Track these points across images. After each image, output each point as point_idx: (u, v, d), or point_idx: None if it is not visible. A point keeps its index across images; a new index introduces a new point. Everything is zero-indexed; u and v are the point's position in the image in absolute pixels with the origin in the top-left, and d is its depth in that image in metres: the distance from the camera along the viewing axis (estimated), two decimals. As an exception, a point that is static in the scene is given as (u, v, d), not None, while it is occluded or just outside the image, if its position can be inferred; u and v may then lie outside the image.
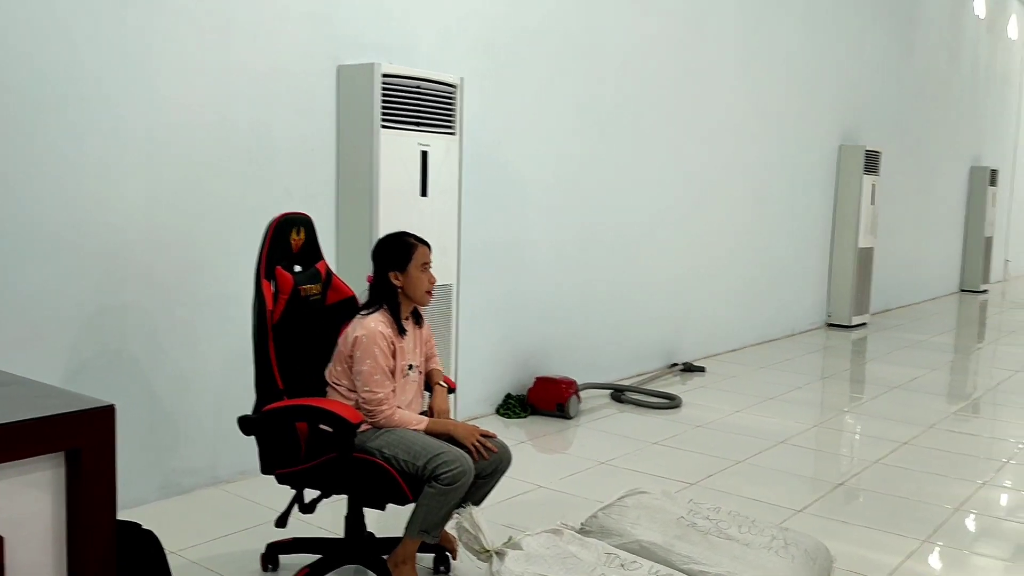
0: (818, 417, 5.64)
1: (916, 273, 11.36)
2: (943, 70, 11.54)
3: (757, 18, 7.42)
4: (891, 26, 9.94)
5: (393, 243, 2.97)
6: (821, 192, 8.75)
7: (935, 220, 11.86)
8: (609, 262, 6.05)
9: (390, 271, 2.92)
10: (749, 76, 7.38)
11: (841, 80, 8.91)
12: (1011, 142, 14.77)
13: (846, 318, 8.91)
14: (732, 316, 7.52)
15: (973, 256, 12.89)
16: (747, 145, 7.49)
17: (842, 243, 8.92)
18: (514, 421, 5.12)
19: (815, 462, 4.77)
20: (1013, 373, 7.19)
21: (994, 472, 4.53)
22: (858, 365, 7.59)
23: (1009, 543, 3.65)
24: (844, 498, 4.09)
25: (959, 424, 5.50)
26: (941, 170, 11.89)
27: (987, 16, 12.76)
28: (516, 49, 5.15)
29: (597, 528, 3.05)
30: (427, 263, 2.94)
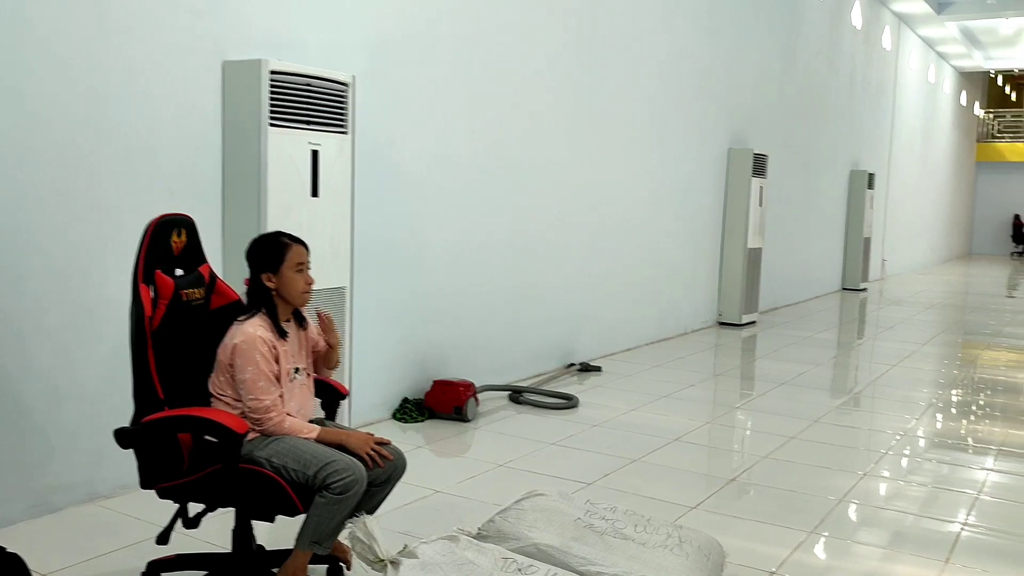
0: (711, 414, 5.77)
1: (801, 272, 11.80)
2: (823, 78, 12.02)
3: (648, 24, 7.55)
4: (774, 35, 10.29)
5: (266, 244, 2.86)
6: (712, 194, 8.98)
7: (818, 221, 12.35)
8: (506, 263, 6.04)
9: (263, 273, 2.82)
10: (641, 80, 7.51)
11: (729, 86, 9.16)
12: (886, 147, 15.52)
13: (736, 316, 9.16)
14: (627, 316, 7.63)
15: (853, 256, 13.48)
16: (640, 148, 7.62)
17: (732, 244, 9.18)
18: (411, 425, 5.05)
19: (708, 458, 4.87)
20: (890, 367, 7.53)
21: (874, 463, 4.71)
22: (748, 362, 7.81)
23: (887, 531, 3.80)
24: (736, 493, 4.17)
25: (842, 417, 5.71)
26: (823, 174, 12.39)
27: (863, 28, 13.37)
28: (410, 47, 5.08)
29: (494, 532, 3.01)
30: (302, 263, 2.84)
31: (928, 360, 8.03)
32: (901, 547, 3.60)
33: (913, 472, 4.67)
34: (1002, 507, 4.14)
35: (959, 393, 6.65)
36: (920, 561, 3.43)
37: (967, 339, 9.62)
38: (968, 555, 3.50)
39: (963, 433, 5.53)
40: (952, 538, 3.67)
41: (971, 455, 4.98)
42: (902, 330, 9.84)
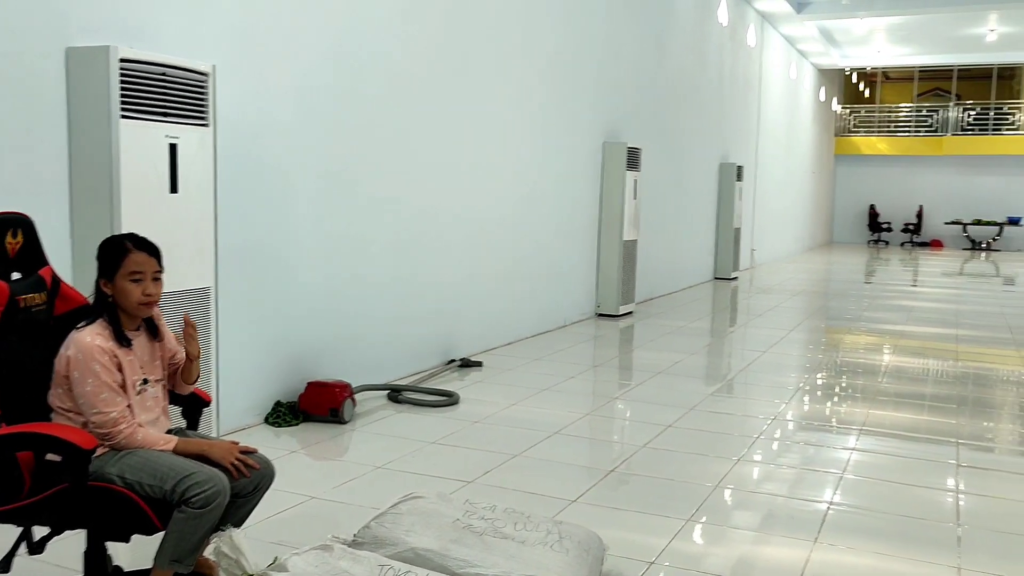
0: (590, 405, 5.80)
1: (675, 263, 12.09)
2: (693, 74, 12.35)
3: (520, 20, 7.54)
4: (645, 31, 10.49)
5: (105, 248, 2.65)
6: (588, 187, 9.07)
7: (691, 213, 12.69)
8: (382, 258, 5.91)
9: (101, 278, 2.63)
10: (514, 75, 7.49)
11: (602, 81, 9.27)
12: (753, 141, 16.11)
13: (614, 308, 9.30)
14: (507, 309, 7.61)
15: (724, 246, 13.93)
16: (516, 142, 7.61)
17: (608, 236, 9.30)
18: (285, 429, 4.86)
19: (588, 450, 4.89)
20: (761, 354, 7.79)
21: (746, 448, 4.83)
22: (626, 353, 7.92)
23: (760, 513, 3.89)
24: (615, 484, 4.20)
25: (716, 404, 5.85)
26: (694, 167, 12.74)
27: (729, 25, 13.81)
28: (276, 36, 4.88)
29: (370, 539, 2.91)
30: (139, 272, 2.61)
31: (795, 346, 8.35)
32: (773, 529, 3.69)
33: (783, 455, 4.82)
34: (865, 485, 4.31)
35: (824, 376, 6.93)
36: (791, 542, 3.52)
37: (831, 324, 10.07)
38: (835, 533, 3.62)
39: (828, 415, 5.76)
40: (820, 517, 3.79)
41: (836, 436, 5.18)
42: (771, 317, 10.21)
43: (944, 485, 4.28)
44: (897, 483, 4.35)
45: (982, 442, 5.12)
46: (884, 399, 6.13)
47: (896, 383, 6.74)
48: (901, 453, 4.92)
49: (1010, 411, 5.99)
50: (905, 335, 9.09)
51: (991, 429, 5.47)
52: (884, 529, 3.72)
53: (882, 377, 6.93)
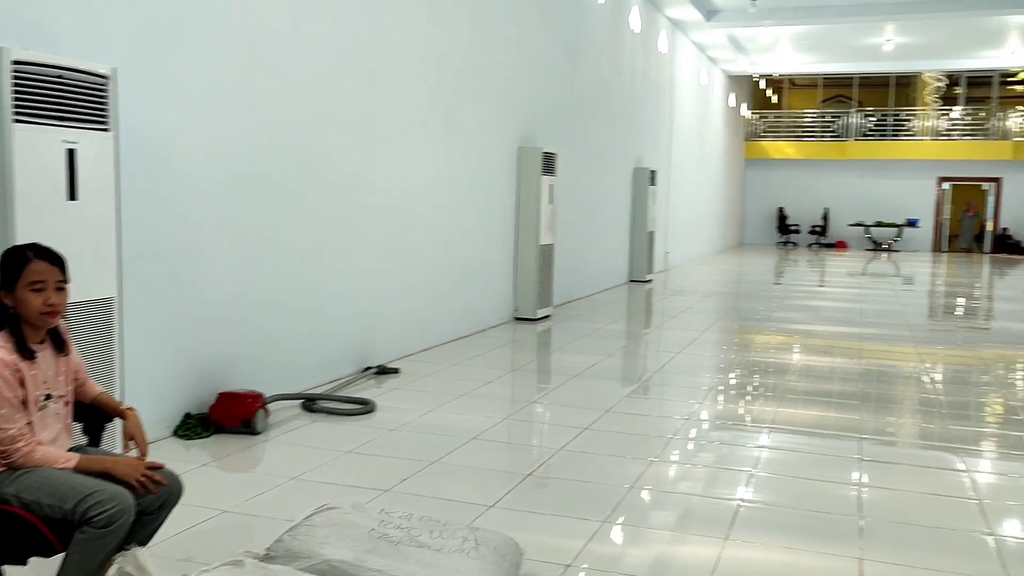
0: (508, 410, 5.82)
1: (592, 266, 12.23)
2: (606, 80, 12.52)
3: (433, 24, 7.52)
4: (559, 37, 10.59)
5: (6, 258, 2.56)
6: (504, 192, 9.10)
7: (606, 217, 12.86)
8: (296, 265, 5.81)
9: (1, 290, 2.52)
10: (428, 79, 7.47)
11: (517, 86, 9.32)
12: (666, 146, 16.42)
13: (532, 311, 9.35)
14: (424, 315, 7.58)
15: (639, 249, 14.16)
16: (431, 147, 7.58)
17: (525, 240, 9.35)
18: (195, 442, 4.73)
19: (506, 455, 4.90)
20: (675, 355, 7.94)
21: (661, 448, 4.92)
22: (544, 356, 7.98)
23: (674, 513, 3.97)
24: (533, 488, 4.22)
25: (632, 405, 5.94)
26: (609, 171, 12.91)
27: (641, 32, 14.05)
28: (181, 37, 4.75)
29: (283, 552, 2.85)
30: (41, 282, 2.52)
31: (708, 346, 8.54)
32: (687, 528, 3.76)
33: (696, 454, 4.92)
34: (774, 481, 4.44)
35: (736, 376, 7.11)
36: (704, 540, 3.59)
37: (742, 325, 10.33)
38: (746, 530, 3.71)
39: (740, 414, 5.90)
40: (731, 515, 3.88)
41: (747, 434, 5.31)
42: (685, 318, 10.42)
43: (848, 479, 4.43)
44: (804, 479, 4.49)
45: (883, 436, 5.33)
46: (792, 397, 6.32)
47: (803, 381, 6.95)
48: (808, 449, 5.08)
49: (909, 406, 6.25)
50: (812, 334, 9.39)
51: (891, 424, 5.69)
52: (792, 524, 3.83)
53: (790, 376, 7.14)
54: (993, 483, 4.54)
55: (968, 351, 8.59)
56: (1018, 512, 4.09)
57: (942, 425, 5.60)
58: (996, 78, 26.92)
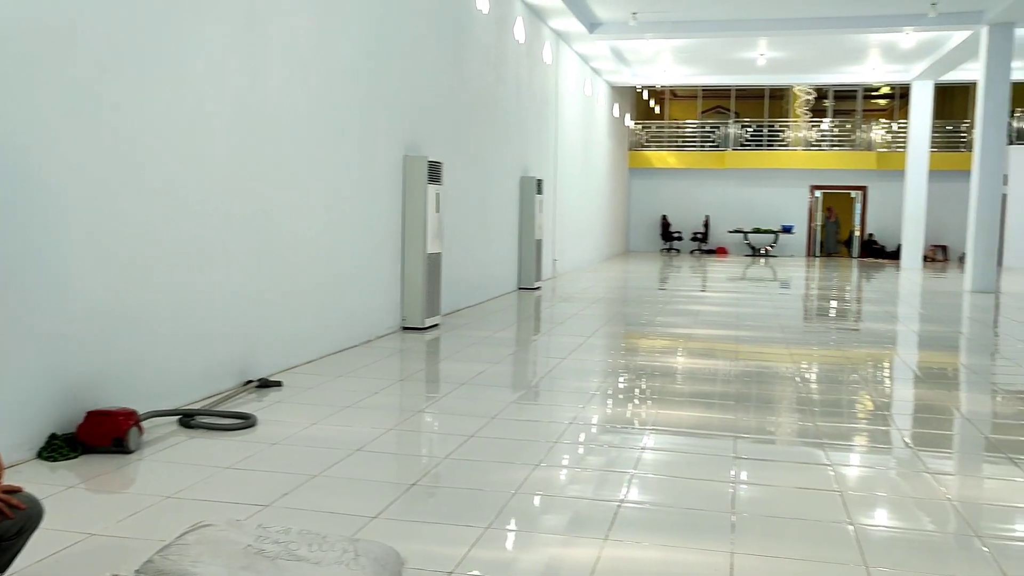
0: (394, 420, 5.78)
1: (480, 274, 12.30)
2: (492, 89, 12.63)
3: (316, 30, 7.44)
4: (444, 46, 10.63)
5: None
6: (390, 200, 9.06)
7: (493, 225, 12.95)
8: (171, 275, 5.63)
9: None
10: (311, 86, 7.38)
11: (403, 94, 9.30)
12: (552, 155, 16.68)
13: (419, 321, 9.32)
14: (309, 326, 7.46)
15: (527, 257, 14.32)
16: (313, 153, 7.48)
17: (412, 249, 9.32)
18: (62, 463, 4.52)
19: (390, 465, 4.87)
20: (561, 360, 8.06)
21: (546, 453, 4.99)
22: (432, 365, 7.97)
23: (557, 516, 4.03)
24: (417, 498, 4.21)
25: (518, 412, 6.00)
26: (496, 180, 13.02)
27: (526, 42, 14.25)
28: (42, 37, 4.54)
29: (153, 573, 2.76)
30: None
31: (594, 351, 8.71)
32: (568, 530, 3.83)
33: (579, 457, 5.01)
34: (653, 481, 4.56)
35: (620, 380, 7.27)
36: (584, 541, 3.67)
37: (627, 329, 10.58)
38: (624, 529, 3.80)
39: (622, 416, 6.05)
40: (612, 516, 3.97)
41: (629, 436, 5.44)
42: (571, 324, 10.60)
43: (722, 477, 4.60)
44: (682, 478, 4.64)
45: (757, 435, 5.55)
46: (673, 399, 6.52)
47: (684, 384, 7.18)
48: (686, 449, 5.25)
49: (781, 405, 6.53)
50: (693, 338, 9.70)
51: (765, 422, 5.94)
52: (669, 522, 3.95)
53: (671, 378, 7.36)
54: (855, 475, 4.80)
55: (837, 351, 9.04)
56: (875, 502, 4.33)
57: (811, 422, 5.88)
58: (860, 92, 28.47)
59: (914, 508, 4.22)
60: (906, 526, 4.03)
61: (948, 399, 6.83)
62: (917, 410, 6.55)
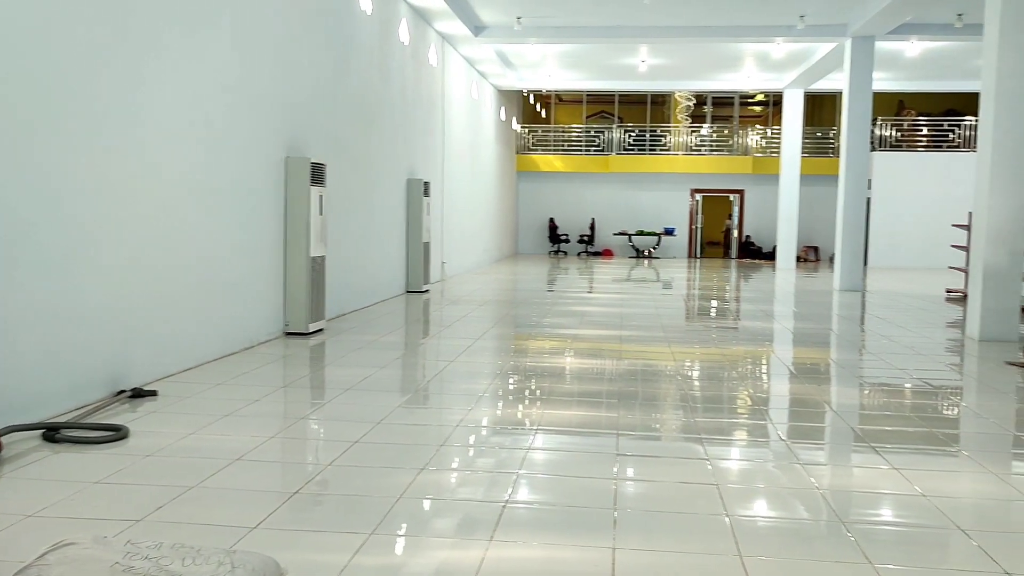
0: (276, 428, 5.64)
1: (366, 278, 12.15)
2: (378, 91, 12.51)
3: (192, 26, 7.19)
4: (327, 47, 10.46)
5: None
6: (271, 203, 8.84)
7: (380, 228, 12.82)
8: (34, 281, 5.33)
9: None
10: (187, 84, 7.13)
11: (283, 94, 9.10)
12: (439, 157, 16.64)
13: (303, 326, 9.13)
14: (185, 333, 7.19)
15: (415, 260, 14.24)
16: (192, 154, 7.23)
17: (295, 252, 9.13)
18: (-90, 485, 4.21)
19: (271, 474, 4.74)
20: (449, 363, 8.05)
21: (431, 456, 4.96)
22: (316, 371, 7.81)
23: (441, 519, 4.01)
24: (299, 506, 4.11)
25: (404, 416, 5.95)
26: (382, 182, 12.90)
27: (411, 44, 14.17)
28: None
29: (9, 598, 2.60)
30: None
31: (482, 353, 8.72)
32: (452, 533, 3.81)
33: (465, 460, 5.01)
34: (538, 481, 4.60)
35: (506, 381, 7.31)
36: (469, 543, 3.66)
37: (515, 331, 10.64)
38: (509, 530, 3.82)
39: (509, 417, 6.08)
40: (497, 517, 3.97)
41: (515, 436, 5.47)
42: (460, 327, 10.59)
43: (605, 474, 4.68)
44: (566, 476, 4.70)
45: (639, 431, 5.67)
46: (559, 399, 6.59)
47: (570, 383, 7.27)
48: (571, 448, 5.31)
49: (662, 402, 6.70)
50: (580, 338, 9.84)
51: (647, 419, 6.07)
52: (553, 520, 3.99)
53: (558, 378, 7.44)
54: (731, 468, 4.96)
55: (717, 349, 9.35)
56: (750, 493, 4.49)
57: (691, 418, 6.05)
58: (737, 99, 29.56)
59: (786, 498, 4.40)
60: (778, 515, 4.19)
61: (819, 393, 7.15)
62: (791, 405, 6.83)
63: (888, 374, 8.08)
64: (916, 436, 5.69)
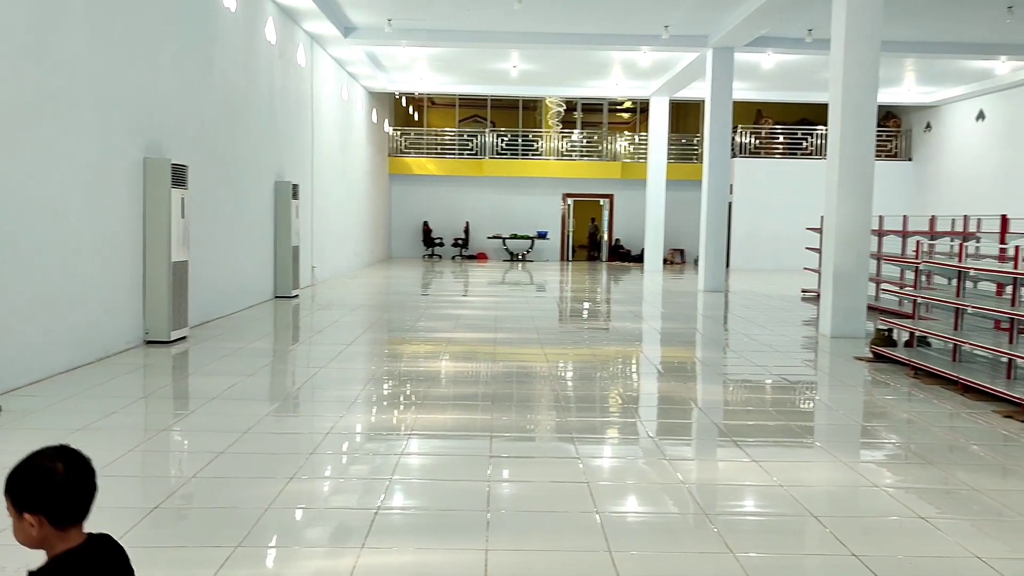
0: (136, 440, 5.37)
1: (233, 283, 11.76)
2: (244, 91, 12.13)
3: (41, 18, 6.77)
4: (188, 44, 10.07)
5: None
6: (128, 206, 8.43)
7: (247, 231, 12.43)
8: None
9: None
10: (35, 80, 6.70)
11: (144, 94, 8.70)
12: (308, 160, 16.30)
13: (165, 334, 8.74)
14: (33, 343, 6.76)
15: (284, 264, 13.88)
16: (40, 155, 6.80)
17: (155, 257, 8.73)
18: None
19: (130, 489, 4.52)
20: (320, 369, 7.88)
21: (300, 465, 4.83)
22: (179, 380, 7.50)
23: (313, 528, 3.92)
24: (160, 521, 3.93)
25: (272, 425, 5.78)
26: (249, 184, 12.52)
27: (278, 43, 13.82)
28: None
29: None
30: None
31: (355, 359, 8.59)
32: (322, 543, 3.73)
33: (336, 467, 4.91)
34: (411, 485, 4.56)
35: (379, 386, 7.22)
36: (339, 552, 3.59)
37: (389, 336, 10.53)
38: (382, 537, 3.76)
39: (380, 423, 6.00)
40: (368, 524, 3.91)
41: (387, 442, 5.40)
42: (330, 332, 10.39)
43: (478, 476, 4.68)
44: (439, 480, 4.67)
45: (512, 433, 5.70)
46: (432, 403, 6.56)
47: (443, 387, 7.25)
48: (444, 452, 5.29)
49: (534, 403, 6.76)
50: (453, 341, 9.83)
51: (519, 421, 6.12)
52: (425, 525, 3.96)
53: (431, 382, 7.40)
54: (602, 466, 5.06)
55: (588, 350, 9.53)
56: (619, 490, 4.59)
57: (563, 418, 6.13)
58: (606, 106, 30.27)
59: (654, 494, 4.52)
60: (646, 511, 4.30)
61: (686, 391, 7.39)
62: (659, 403, 7.03)
63: (749, 371, 8.44)
64: (774, 429, 5.96)
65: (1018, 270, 7.09)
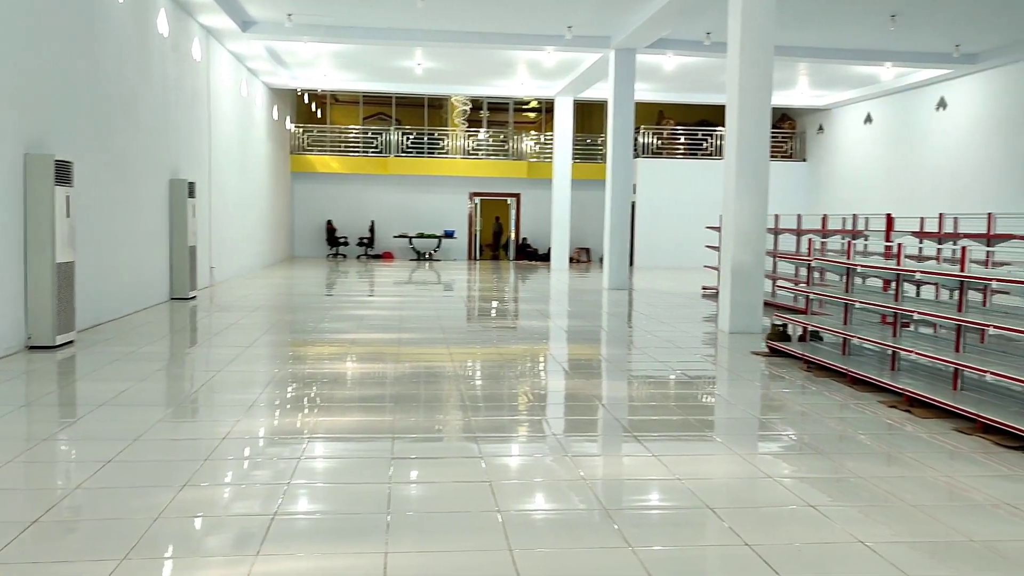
0: (15, 451, 5.08)
1: (125, 285, 11.31)
2: (133, 84, 11.67)
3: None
4: (74, 35, 9.62)
5: None
6: (6, 204, 7.99)
7: (140, 231, 11.98)
8: None
9: None
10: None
11: (23, 86, 8.26)
12: (205, 157, 15.82)
13: (49, 338, 8.33)
14: (-97, 351, 6.34)
15: (180, 265, 13.43)
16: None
17: (37, 258, 8.30)
18: None
19: (7, 502, 4.26)
20: (217, 373, 7.64)
21: (193, 472, 4.66)
22: (65, 387, 7.15)
23: (206, 536, 3.78)
24: (40, 536, 3.72)
25: (164, 431, 5.56)
26: (141, 182, 12.06)
27: (171, 36, 13.35)
28: None
29: None
30: None
31: (254, 361, 8.35)
32: (215, 552, 3.59)
33: (231, 474, 4.75)
34: (310, 489, 4.45)
35: (278, 389, 7.04)
36: (232, 560, 3.46)
37: (290, 337, 10.29)
38: (279, 543, 3.65)
39: (279, 427, 5.85)
40: (264, 530, 3.79)
41: (285, 446, 5.27)
42: (229, 335, 10.10)
43: (379, 478, 4.61)
44: (339, 483, 4.58)
45: (415, 434, 5.64)
46: (333, 405, 6.43)
47: (345, 389, 7.12)
48: (344, 455, 5.19)
49: (438, 403, 6.71)
50: (357, 343, 9.68)
51: (423, 421, 6.06)
52: (324, 529, 3.87)
53: (333, 384, 7.26)
54: (504, 465, 5.05)
55: (494, 349, 9.52)
56: (521, 489, 4.59)
57: (467, 418, 6.10)
58: (512, 105, 30.39)
59: (556, 491, 4.53)
60: (548, 508, 4.31)
61: (590, 388, 7.45)
62: (564, 400, 7.07)
63: (652, 367, 8.58)
64: (675, 424, 6.06)
65: (901, 267, 7.41)
